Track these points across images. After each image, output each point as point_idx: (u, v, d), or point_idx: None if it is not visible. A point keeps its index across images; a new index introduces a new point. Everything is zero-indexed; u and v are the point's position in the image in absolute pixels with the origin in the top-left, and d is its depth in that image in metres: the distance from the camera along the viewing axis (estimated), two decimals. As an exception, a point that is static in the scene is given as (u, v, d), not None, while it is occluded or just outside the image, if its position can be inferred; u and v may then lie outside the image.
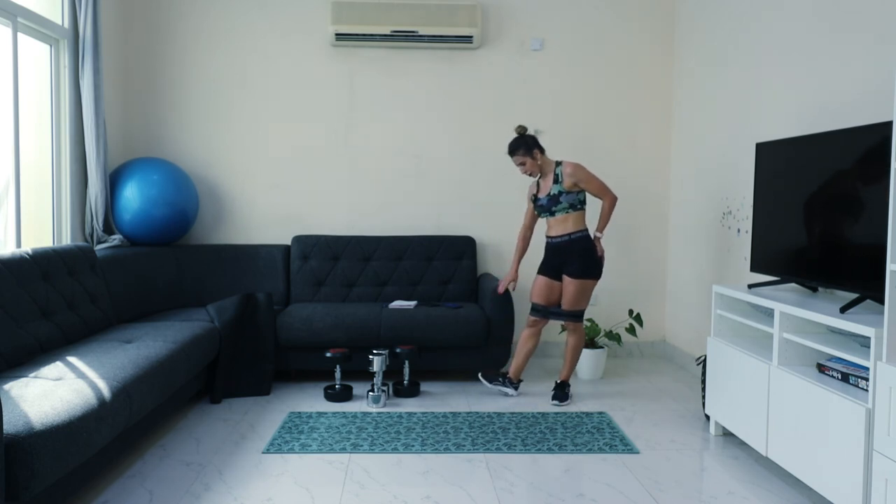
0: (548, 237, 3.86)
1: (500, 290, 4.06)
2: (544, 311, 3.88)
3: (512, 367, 3.96)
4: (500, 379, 3.92)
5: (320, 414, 3.58)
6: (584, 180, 3.74)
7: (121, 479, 2.78)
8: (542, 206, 3.82)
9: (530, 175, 3.84)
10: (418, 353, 3.98)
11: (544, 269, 3.88)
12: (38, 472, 2.01)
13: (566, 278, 3.78)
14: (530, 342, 3.93)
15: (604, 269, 4.90)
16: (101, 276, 3.68)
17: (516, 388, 3.94)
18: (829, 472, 2.39)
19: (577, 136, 4.85)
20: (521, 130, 3.84)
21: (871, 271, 2.45)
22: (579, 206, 3.77)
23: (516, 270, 4.03)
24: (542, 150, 3.81)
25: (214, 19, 4.70)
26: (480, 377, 3.95)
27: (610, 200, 3.78)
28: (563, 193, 3.74)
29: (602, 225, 3.81)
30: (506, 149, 4.80)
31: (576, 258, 3.75)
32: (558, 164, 3.79)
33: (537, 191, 3.87)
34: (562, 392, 3.81)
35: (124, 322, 3.82)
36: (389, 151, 4.82)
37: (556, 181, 3.76)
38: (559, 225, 3.79)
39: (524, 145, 3.78)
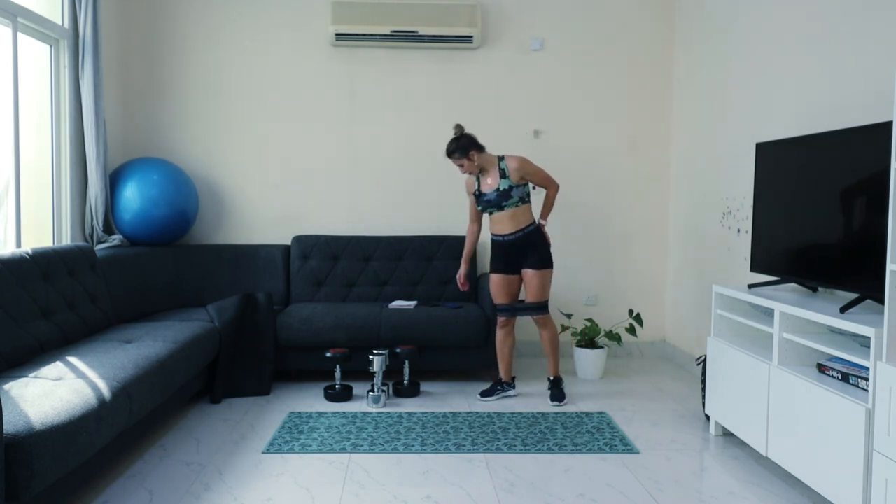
0: (498, 235, 3.83)
1: (464, 287, 4.04)
2: (512, 310, 3.88)
3: (501, 370, 3.94)
4: (498, 388, 3.91)
5: (320, 414, 3.58)
6: (531, 173, 3.79)
7: (121, 479, 2.78)
8: (490, 202, 3.78)
9: (469, 174, 3.83)
10: (418, 353, 3.98)
11: (498, 267, 3.86)
12: (38, 472, 2.01)
13: (529, 272, 3.79)
14: (508, 341, 3.92)
15: (603, 269, 4.92)
16: (101, 276, 3.68)
17: (514, 387, 3.95)
18: (829, 472, 2.39)
19: (576, 136, 4.86)
20: (458, 131, 3.80)
21: (871, 271, 2.45)
22: (527, 198, 3.81)
23: (468, 265, 4.03)
24: (479, 149, 3.77)
25: (214, 19, 4.70)
26: (480, 398, 3.87)
27: (555, 189, 3.87)
28: (513, 187, 3.75)
29: (546, 212, 3.87)
30: (507, 148, 4.80)
31: (533, 251, 3.78)
32: (501, 158, 3.80)
33: (478, 187, 3.84)
34: (558, 390, 3.81)
35: (124, 322, 3.82)
36: (389, 151, 4.82)
37: (503, 175, 3.76)
38: (509, 221, 3.77)
39: (459, 148, 3.75)
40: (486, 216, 4.24)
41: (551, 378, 3.89)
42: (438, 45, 4.68)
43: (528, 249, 3.79)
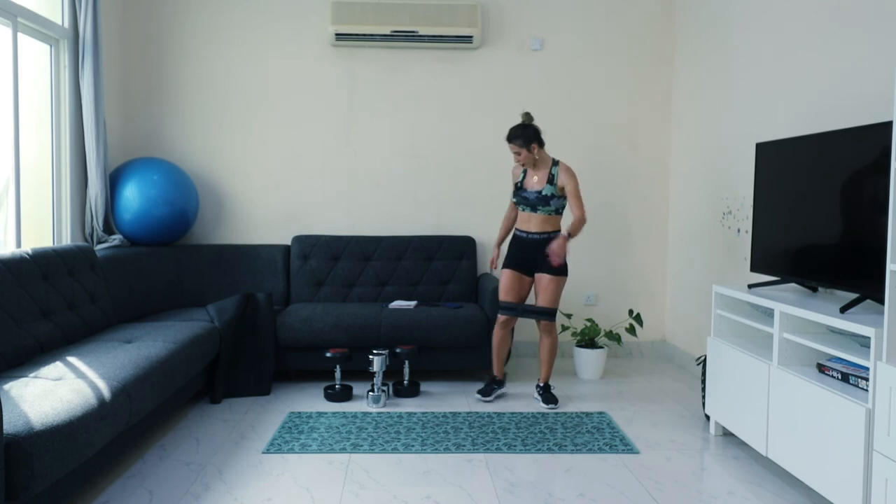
0: (523, 231, 3.81)
1: (493, 266, 4.00)
2: (517, 310, 3.83)
3: (496, 370, 3.89)
4: (495, 385, 3.86)
5: (320, 414, 3.58)
6: (571, 190, 3.74)
7: (121, 479, 2.78)
8: (527, 200, 3.75)
9: (522, 165, 3.78)
10: (418, 353, 3.98)
11: (513, 263, 3.82)
12: (38, 472, 2.01)
13: (544, 276, 3.75)
14: (507, 341, 3.88)
15: (603, 269, 4.92)
16: (101, 276, 3.68)
17: (504, 385, 3.92)
18: (829, 472, 2.39)
19: (576, 135, 4.86)
20: (527, 119, 3.75)
21: (871, 271, 2.45)
22: (561, 210, 3.79)
23: (498, 245, 4.00)
24: (541, 144, 3.73)
25: (214, 19, 4.70)
26: (479, 397, 3.80)
27: (582, 215, 3.70)
28: (554, 197, 3.73)
29: (576, 231, 3.69)
30: (501, 150, 4.80)
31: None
32: (555, 163, 3.76)
33: (523, 179, 3.81)
34: (550, 394, 3.77)
35: (124, 322, 3.82)
36: (389, 151, 4.82)
37: (550, 181, 3.72)
38: (538, 223, 3.77)
39: (524, 136, 3.69)
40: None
41: (542, 385, 3.84)
42: (438, 45, 4.68)
43: (543, 249, 3.76)
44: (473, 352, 4.14)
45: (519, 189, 3.80)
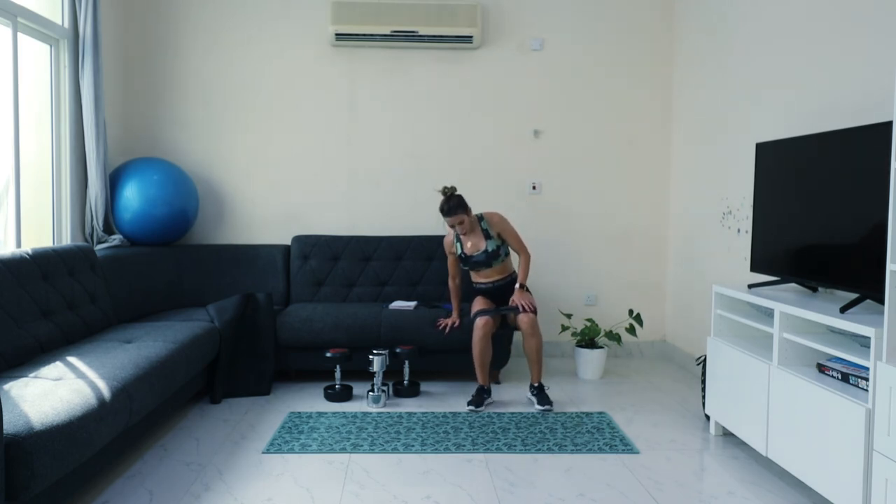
0: (485, 283, 3.95)
1: (447, 331, 4.01)
2: (493, 310, 3.85)
3: (481, 379, 3.80)
4: (485, 394, 3.77)
5: (320, 414, 3.58)
6: (508, 233, 3.87)
7: (121, 479, 2.78)
8: (478, 263, 3.88)
9: (464, 234, 3.83)
10: (418, 353, 3.98)
11: (483, 295, 3.98)
12: (38, 472, 2.01)
13: (516, 292, 3.83)
14: (489, 349, 3.81)
15: (603, 269, 4.93)
16: (101, 276, 3.68)
17: (491, 393, 3.87)
18: (829, 472, 2.39)
19: (576, 136, 4.86)
20: (450, 190, 3.81)
21: (871, 271, 2.45)
22: (508, 250, 3.92)
23: (459, 312, 4.05)
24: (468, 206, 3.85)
25: (214, 19, 4.70)
26: (472, 408, 3.67)
27: (527, 256, 3.90)
28: (500, 247, 3.85)
29: (524, 277, 3.87)
30: (507, 147, 4.81)
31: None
32: (480, 218, 3.87)
33: (461, 250, 3.90)
34: (545, 395, 3.72)
35: (124, 322, 3.82)
36: (389, 151, 4.82)
37: (487, 237, 3.85)
38: (499, 272, 3.94)
39: (460, 205, 3.76)
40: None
41: (536, 385, 3.78)
42: (438, 45, 4.68)
43: (511, 289, 3.94)
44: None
45: (466, 258, 3.90)
